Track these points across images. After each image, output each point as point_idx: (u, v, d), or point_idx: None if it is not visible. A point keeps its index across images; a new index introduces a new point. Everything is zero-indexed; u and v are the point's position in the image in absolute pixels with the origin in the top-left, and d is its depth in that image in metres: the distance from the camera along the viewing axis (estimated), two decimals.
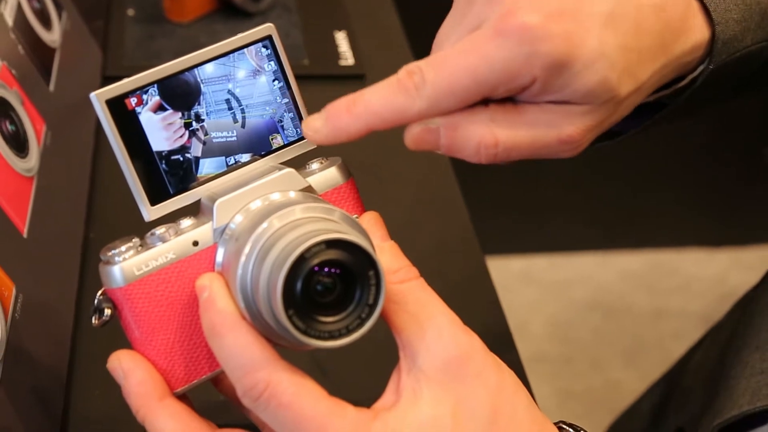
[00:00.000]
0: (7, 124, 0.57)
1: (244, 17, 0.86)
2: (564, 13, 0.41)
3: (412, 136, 0.44)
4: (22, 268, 0.52)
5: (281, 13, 0.88)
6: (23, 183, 0.57)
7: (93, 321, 0.42)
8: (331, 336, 0.38)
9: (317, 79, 0.80)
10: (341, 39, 0.86)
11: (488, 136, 0.43)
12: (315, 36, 0.85)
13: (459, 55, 0.42)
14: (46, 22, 0.69)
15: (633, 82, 0.43)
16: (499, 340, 0.61)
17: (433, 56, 0.43)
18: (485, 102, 0.43)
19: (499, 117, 0.43)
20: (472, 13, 0.43)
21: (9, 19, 0.63)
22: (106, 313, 0.42)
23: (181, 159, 0.43)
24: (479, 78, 0.42)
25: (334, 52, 0.84)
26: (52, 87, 0.66)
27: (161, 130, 0.42)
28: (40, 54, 0.66)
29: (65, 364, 0.55)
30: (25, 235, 0.54)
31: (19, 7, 0.65)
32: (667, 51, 0.45)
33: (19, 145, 0.58)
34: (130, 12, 0.86)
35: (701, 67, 0.47)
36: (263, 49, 0.44)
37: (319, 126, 0.43)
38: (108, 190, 0.68)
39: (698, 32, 0.46)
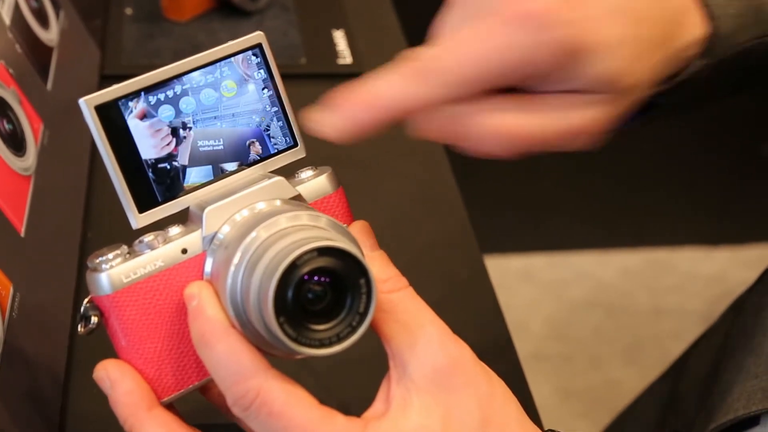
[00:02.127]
0: (5, 123, 0.57)
1: (242, 16, 0.86)
2: (573, 1, 0.40)
3: (420, 125, 0.42)
4: (20, 268, 0.52)
5: (279, 12, 0.87)
6: (21, 182, 0.57)
7: (79, 329, 0.41)
8: (322, 344, 0.38)
9: (315, 78, 0.79)
10: (339, 38, 0.86)
11: (501, 126, 0.42)
12: (313, 35, 0.85)
13: (469, 42, 0.41)
14: (44, 21, 0.69)
15: (645, 71, 0.42)
16: (498, 340, 0.61)
17: (443, 44, 0.41)
18: (496, 91, 0.42)
19: (510, 106, 0.42)
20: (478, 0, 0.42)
21: (6, 18, 0.62)
22: (92, 321, 0.41)
23: (168, 167, 0.43)
24: (491, 66, 0.40)
25: (332, 51, 0.84)
26: (49, 86, 0.66)
27: (148, 138, 0.42)
28: (37, 53, 0.66)
29: (63, 364, 0.55)
30: (22, 234, 0.54)
31: (17, 6, 0.65)
32: (669, 43, 0.44)
33: (17, 144, 0.58)
34: (128, 11, 0.86)
35: (699, 63, 0.46)
36: (253, 57, 0.44)
37: (334, 121, 0.41)
38: (106, 189, 0.67)
39: (697, 27, 0.45)
